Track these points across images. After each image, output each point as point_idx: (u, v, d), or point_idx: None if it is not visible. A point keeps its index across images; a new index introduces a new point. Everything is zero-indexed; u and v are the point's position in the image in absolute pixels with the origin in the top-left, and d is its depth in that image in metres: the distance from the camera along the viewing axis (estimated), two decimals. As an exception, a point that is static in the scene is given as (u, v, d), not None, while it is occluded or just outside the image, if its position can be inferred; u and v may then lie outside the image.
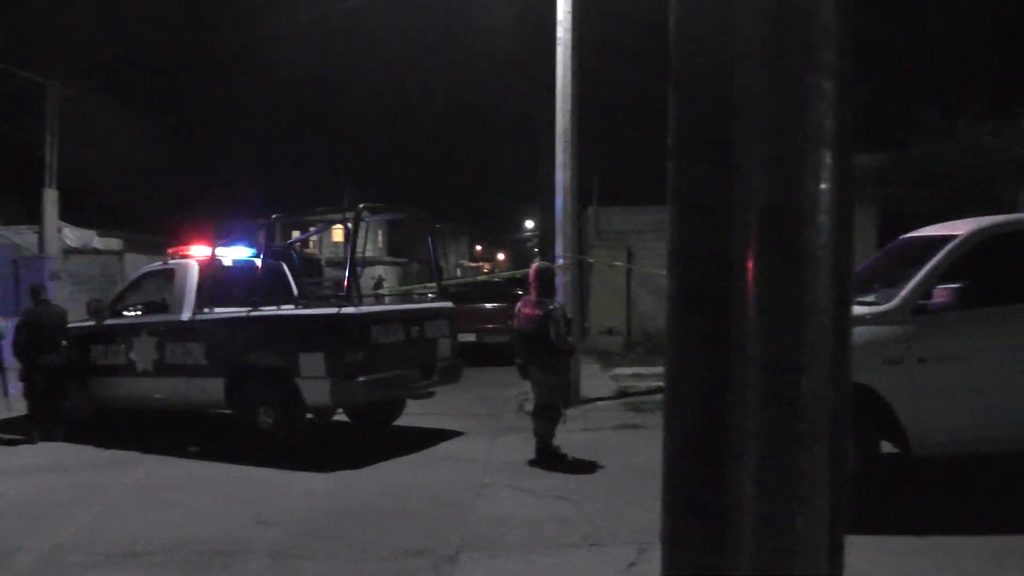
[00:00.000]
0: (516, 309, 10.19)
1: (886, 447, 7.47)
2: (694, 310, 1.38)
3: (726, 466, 1.34)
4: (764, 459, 1.33)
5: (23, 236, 23.77)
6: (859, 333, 7.09)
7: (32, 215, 24.84)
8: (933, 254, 7.56)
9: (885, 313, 7.34)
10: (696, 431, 1.38)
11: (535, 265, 10.50)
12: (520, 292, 12.25)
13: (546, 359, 9.77)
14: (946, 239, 7.72)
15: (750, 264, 1.32)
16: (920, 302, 7.34)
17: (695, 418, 1.38)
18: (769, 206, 1.32)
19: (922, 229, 8.77)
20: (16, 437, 12.20)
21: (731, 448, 1.34)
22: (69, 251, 24.34)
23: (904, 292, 7.41)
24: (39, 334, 12.18)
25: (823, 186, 1.33)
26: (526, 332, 9.86)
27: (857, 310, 7.30)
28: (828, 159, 1.33)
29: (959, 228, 7.90)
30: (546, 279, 10.12)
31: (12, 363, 12.83)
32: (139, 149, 33.07)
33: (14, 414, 13.34)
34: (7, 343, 12.84)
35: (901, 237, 9.09)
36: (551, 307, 9.83)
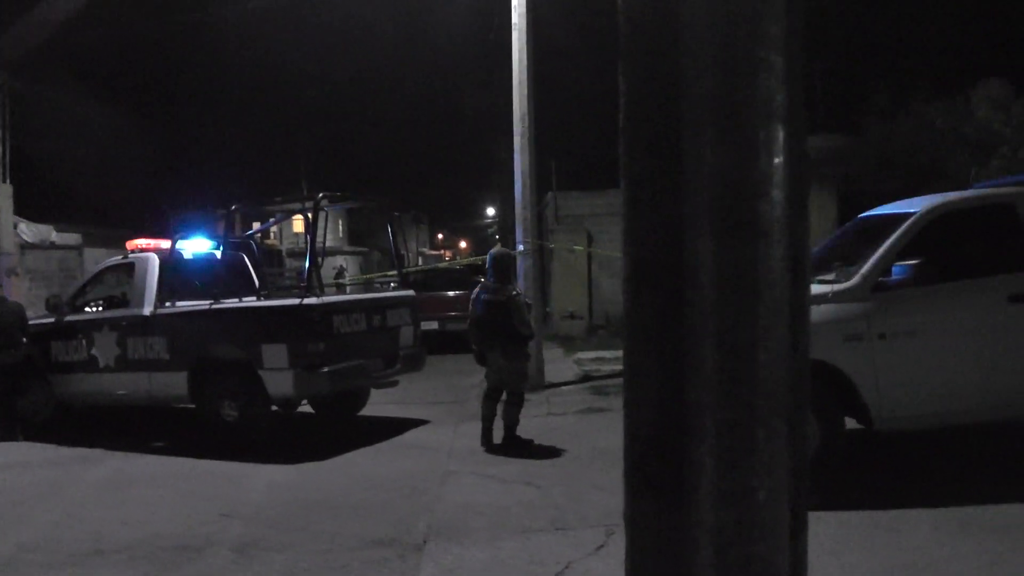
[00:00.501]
0: (473, 295, 10.22)
1: (849, 423, 7.55)
2: (648, 287, 1.37)
3: (684, 442, 1.34)
4: (721, 434, 1.33)
5: (-23, 232, 23.46)
6: (819, 311, 7.17)
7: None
8: (891, 232, 7.64)
9: (845, 291, 7.41)
10: (654, 408, 1.38)
11: (493, 251, 10.59)
12: (481, 279, 12.24)
13: (508, 345, 9.82)
14: (903, 217, 7.81)
15: (702, 239, 1.32)
16: (879, 279, 7.42)
17: (653, 394, 1.38)
18: (721, 181, 1.32)
19: (879, 208, 8.86)
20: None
21: (689, 423, 1.34)
22: (26, 247, 24.03)
23: (863, 270, 7.48)
24: None
25: (776, 160, 1.32)
26: (485, 318, 9.88)
27: (817, 288, 7.37)
28: (780, 133, 1.33)
29: (915, 206, 7.99)
30: (503, 264, 10.13)
31: None
32: (96, 140, 32.68)
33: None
34: None
35: (859, 216, 9.18)
36: (513, 293, 9.94)
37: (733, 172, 1.31)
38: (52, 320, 12.59)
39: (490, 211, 70.82)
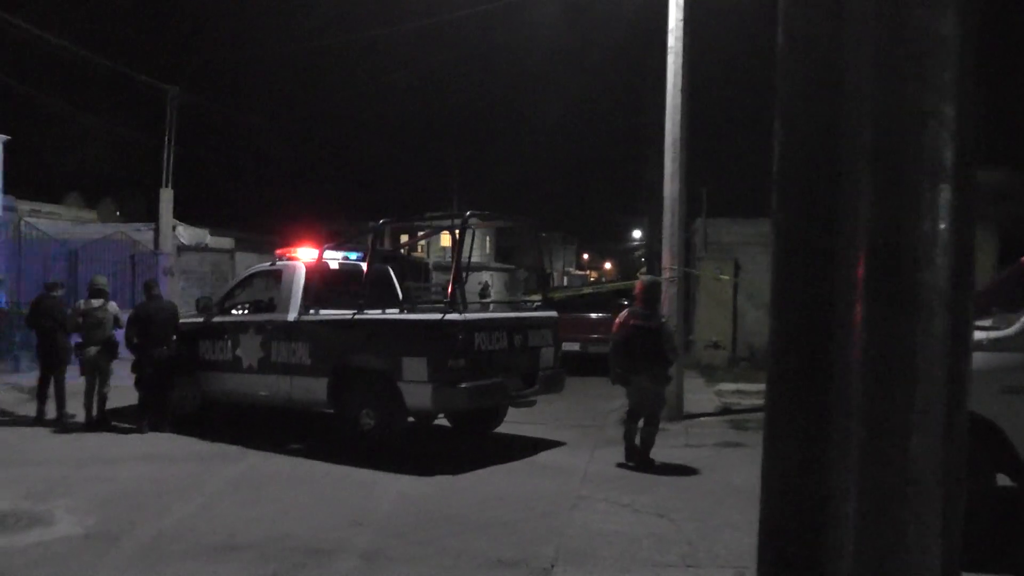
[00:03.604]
0: (620, 319, 10.49)
1: (1002, 479, 7.14)
2: (795, 353, 1.26)
3: (824, 527, 1.23)
4: (867, 524, 1.21)
5: (140, 233, 24.60)
6: (975, 359, 6.78)
7: (150, 213, 25.67)
8: (1057, 278, 7.21)
9: (1004, 339, 7.01)
10: (793, 481, 1.26)
11: (643, 279, 11.09)
12: (626, 303, 12.20)
13: (655, 369, 10.22)
14: (1072, 263, 7.36)
15: (857, 309, 1.20)
16: (1042, 329, 7.00)
17: (792, 467, 1.26)
18: (879, 245, 1.20)
19: (1045, 251, 8.38)
20: (127, 426, 12.55)
21: (831, 503, 1.22)
22: (183, 248, 25.06)
23: (1024, 318, 7.07)
24: (149, 328, 12.51)
25: (941, 225, 1.20)
26: (635, 343, 10.19)
27: (974, 335, 6.98)
28: (947, 193, 1.20)
29: (1086, 251, 7.52)
30: (654, 293, 10.62)
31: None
32: (254, 151, 33.85)
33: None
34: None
35: (1022, 259, 8.71)
36: (663, 320, 10.53)
37: (893, 235, 1.19)
38: (201, 320, 13.03)
39: (636, 234, 70.47)
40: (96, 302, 12.80)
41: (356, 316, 11.15)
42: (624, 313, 10.60)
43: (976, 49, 1.22)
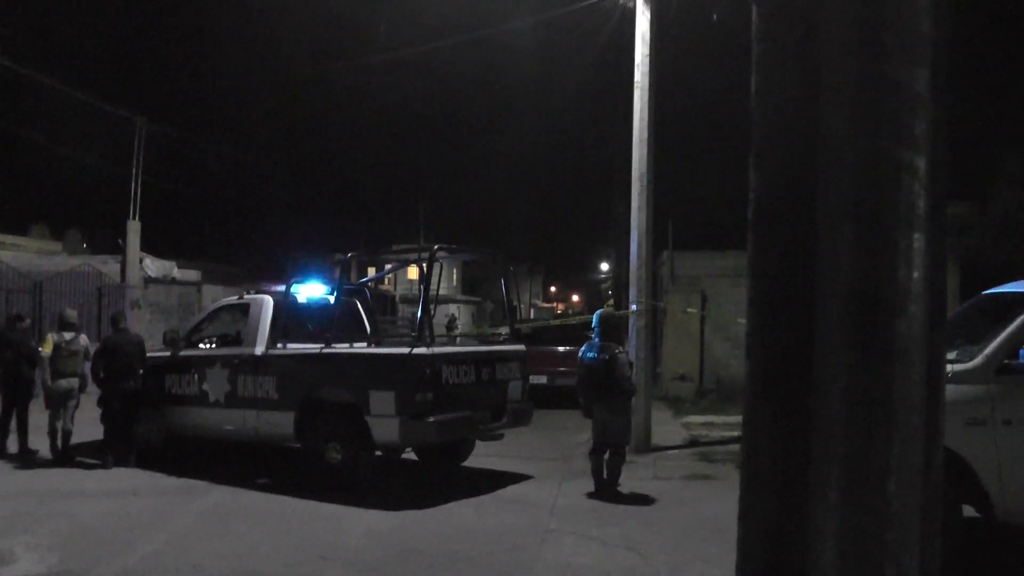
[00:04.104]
0: (580, 352, 10.87)
1: (967, 511, 7.20)
2: (772, 398, 1.28)
3: (805, 567, 1.24)
4: (847, 568, 1.23)
5: (107, 265, 24.42)
6: (940, 392, 6.85)
7: (117, 245, 25.51)
8: (1019, 312, 7.31)
9: (968, 371, 7.09)
10: (772, 527, 1.28)
11: (600, 311, 11.49)
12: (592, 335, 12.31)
13: (611, 401, 10.42)
14: (1032, 297, 7.46)
15: (834, 355, 1.22)
16: (1005, 361, 7.09)
17: (771, 513, 1.28)
18: (855, 293, 1.22)
19: (1008, 285, 8.50)
20: (91, 461, 12.39)
21: (809, 551, 1.24)
22: (149, 280, 24.89)
23: (988, 350, 7.16)
24: (115, 361, 12.39)
25: (915, 273, 1.23)
26: (591, 374, 10.54)
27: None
28: (921, 242, 1.23)
29: (1047, 285, 7.64)
30: (608, 325, 10.88)
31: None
32: (221, 184, 33.76)
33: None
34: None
35: (984, 293, 8.83)
36: (617, 351, 10.56)
37: (870, 284, 1.22)
38: (168, 354, 12.92)
39: (604, 266, 70.75)
40: (68, 335, 12.68)
41: (324, 350, 11.11)
42: (584, 346, 10.93)
43: (948, 105, 1.26)
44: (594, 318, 11.18)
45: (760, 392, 1.31)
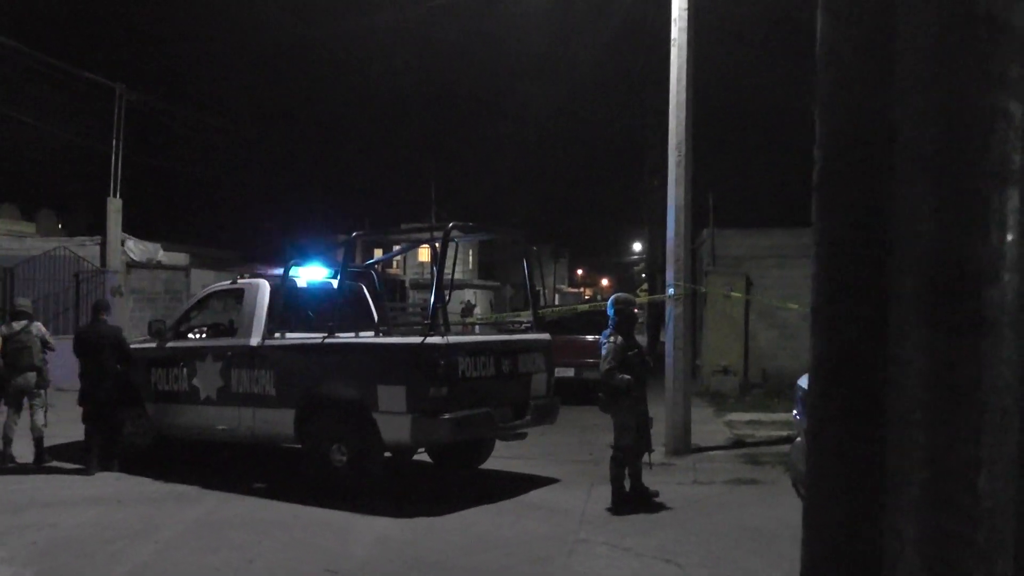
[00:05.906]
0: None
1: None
2: (840, 387, 1.23)
3: (878, 578, 1.20)
4: (929, 572, 1.19)
5: (85, 248, 24.43)
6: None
7: (95, 226, 25.55)
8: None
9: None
10: (841, 532, 1.24)
11: (613, 296, 10.93)
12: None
13: (601, 396, 10.21)
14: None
15: (913, 333, 1.18)
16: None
17: (839, 516, 1.24)
18: (937, 260, 1.18)
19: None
20: (72, 466, 12.44)
21: (886, 558, 1.20)
22: (132, 265, 24.90)
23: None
24: (88, 355, 12.39)
25: (1009, 237, 1.18)
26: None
27: None
28: (1015, 201, 1.19)
29: None
30: (624, 313, 10.42)
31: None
32: (210, 158, 33.83)
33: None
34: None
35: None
36: (605, 339, 10.19)
37: (955, 249, 1.17)
38: (154, 345, 12.92)
39: (636, 246, 70.63)
40: (18, 324, 12.69)
41: (326, 340, 11.10)
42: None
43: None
44: (608, 304, 10.72)
45: (827, 377, 1.27)
